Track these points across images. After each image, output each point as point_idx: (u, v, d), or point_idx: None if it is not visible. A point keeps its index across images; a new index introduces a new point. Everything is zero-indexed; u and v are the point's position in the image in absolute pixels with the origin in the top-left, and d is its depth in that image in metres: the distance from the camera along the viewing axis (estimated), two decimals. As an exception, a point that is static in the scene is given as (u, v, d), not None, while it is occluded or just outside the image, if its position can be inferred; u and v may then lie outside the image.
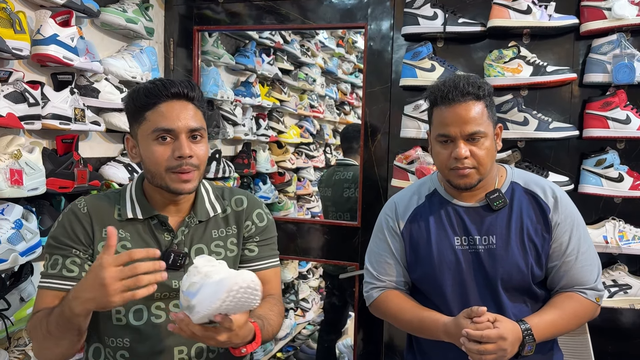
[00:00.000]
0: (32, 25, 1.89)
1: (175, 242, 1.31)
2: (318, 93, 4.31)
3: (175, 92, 1.25)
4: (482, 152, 1.40)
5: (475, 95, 1.40)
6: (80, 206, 1.32)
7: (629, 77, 1.90)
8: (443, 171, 1.46)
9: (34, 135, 1.96)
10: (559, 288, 1.46)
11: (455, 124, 1.39)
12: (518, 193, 1.48)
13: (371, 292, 1.59)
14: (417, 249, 1.51)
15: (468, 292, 1.45)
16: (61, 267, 1.27)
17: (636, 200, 1.99)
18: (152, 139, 1.25)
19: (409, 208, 1.55)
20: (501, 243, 1.43)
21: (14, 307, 1.78)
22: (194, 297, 1.05)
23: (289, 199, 3.86)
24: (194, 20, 2.59)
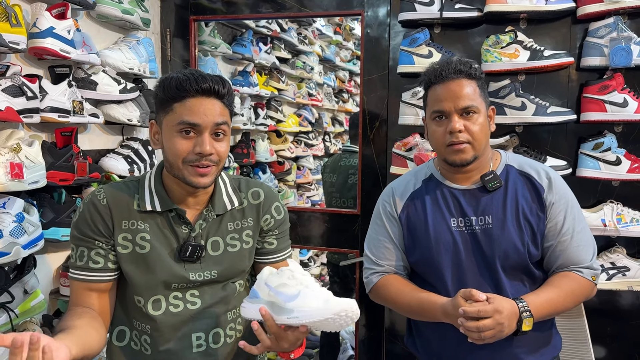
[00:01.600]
0: (28, 18, 1.88)
1: (193, 235, 1.33)
2: (316, 81, 4.31)
3: (206, 87, 1.25)
4: (476, 127, 1.43)
5: (467, 73, 1.45)
6: (100, 197, 1.32)
7: (626, 60, 1.90)
8: (439, 149, 1.49)
9: (33, 129, 1.97)
10: (556, 268, 1.48)
11: (449, 99, 1.43)
12: (513, 175, 1.50)
13: (371, 278, 1.60)
14: (414, 232, 1.53)
15: (466, 272, 1.46)
16: (87, 259, 1.31)
17: (634, 183, 2.00)
18: (176, 131, 1.26)
19: (406, 192, 1.58)
20: (497, 222, 1.45)
21: (17, 300, 1.80)
22: (289, 300, 1.15)
23: (288, 188, 3.87)
24: (190, 10, 2.58)
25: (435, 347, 1.54)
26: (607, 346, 2.08)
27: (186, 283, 1.33)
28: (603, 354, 2.08)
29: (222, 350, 1.36)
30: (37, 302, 1.88)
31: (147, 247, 1.31)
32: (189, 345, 1.33)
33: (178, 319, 1.32)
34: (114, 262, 1.32)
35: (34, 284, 1.88)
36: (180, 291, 1.33)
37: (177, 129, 1.26)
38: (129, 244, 1.31)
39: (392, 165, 2.21)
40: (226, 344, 1.37)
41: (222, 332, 1.36)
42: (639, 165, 1.95)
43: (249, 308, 1.22)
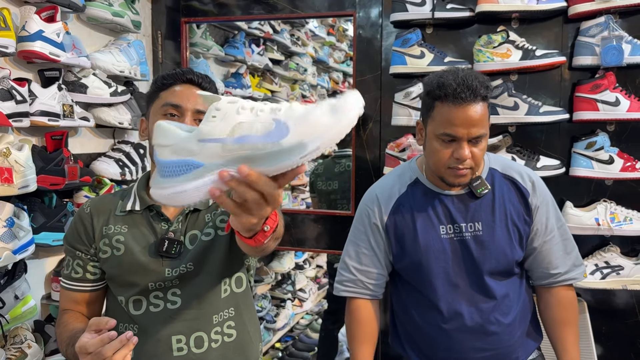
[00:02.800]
0: (16, 21, 1.87)
1: (171, 230, 1.34)
2: (310, 83, 4.30)
3: (190, 78, 1.32)
4: (480, 153, 1.41)
5: (484, 96, 1.38)
6: (85, 207, 1.41)
7: (618, 59, 1.90)
8: (439, 169, 1.45)
9: (23, 133, 1.95)
10: (542, 270, 1.52)
11: (464, 125, 1.37)
12: (497, 179, 1.50)
13: (344, 289, 1.60)
14: (402, 240, 1.52)
15: (456, 279, 1.47)
16: (71, 268, 1.39)
17: (627, 182, 2.00)
18: (160, 114, 1.30)
19: (391, 199, 1.54)
20: (487, 229, 1.46)
21: (8, 305, 1.78)
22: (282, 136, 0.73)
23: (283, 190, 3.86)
24: (181, 12, 2.57)
25: (424, 348, 1.54)
26: (603, 345, 2.08)
27: (163, 281, 1.31)
28: (599, 353, 2.07)
29: (206, 356, 1.32)
30: (28, 307, 1.86)
31: (121, 248, 1.33)
32: (169, 348, 1.30)
33: (158, 319, 1.31)
34: (93, 274, 1.37)
35: (25, 290, 1.86)
36: (161, 290, 1.32)
37: (161, 112, 1.30)
38: (108, 248, 1.34)
39: (386, 166, 2.21)
40: (211, 349, 1.32)
41: (205, 336, 1.32)
42: (631, 164, 1.95)
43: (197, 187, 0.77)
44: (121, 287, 1.34)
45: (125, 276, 1.32)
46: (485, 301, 1.46)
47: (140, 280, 1.31)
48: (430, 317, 1.50)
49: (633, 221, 1.95)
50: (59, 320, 1.37)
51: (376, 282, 1.58)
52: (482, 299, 1.46)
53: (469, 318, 1.46)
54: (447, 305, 1.47)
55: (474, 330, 1.46)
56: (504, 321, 1.47)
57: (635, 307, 2.06)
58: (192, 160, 0.76)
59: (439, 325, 1.48)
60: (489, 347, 1.46)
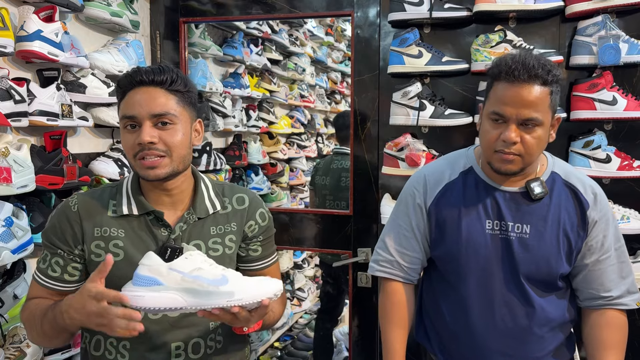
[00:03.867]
0: (15, 21, 1.87)
1: (173, 237, 1.30)
2: (308, 82, 4.31)
3: (140, 79, 1.25)
4: (532, 141, 1.31)
5: (543, 79, 1.29)
6: (71, 204, 1.32)
7: (615, 59, 1.91)
8: (486, 151, 1.38)
9: (22, 133, 1.96)
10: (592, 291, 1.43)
11: (513, 104, 1.29)
12: (558, 185, 1.42)
13: (379, 268, 1.55)
14: (443, 227, 1.45)
15: (492, 278, 1.41)
16: (48, 264, 1.31)
17: (624, 181, 2.00)
18: (122, 127, 1.28)
19: (440, 183, 1.48)
20: (535, 234, 1.38)
21: (7, 305, 1.79)
22: (221, 284, 1.11)
23: (281, 190, 3.87)
24: (180, 12, 2.57)
25: (447, 343, 1.50)
26: (600, 343, 2.08)
27: None
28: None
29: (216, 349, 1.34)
30: (27, 307, 1.86)
31: (120, 254, 1.28)
32: (168, 354, 1.29)
33: (157, 327, 1.28)
34: (72, 275, 1.31)
35: (24, 289, 1.86)
36: None
37: (122, 125, 1.28)
38: (102, 252, 1.28)
39: (384, 166, 2.21)
40: (206, 354, 1.33)
41: (202, 342, 1.33)
42: (628, 162, 1.96)
43: (152, 297, 1.10)
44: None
45: (123, 281, 1.24)
46: (521, 307, 1.40)
47: None
48: (458, 313, 1.45)
49: (630, 220, 1.96)
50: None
51: (413, 266, 1.52)
52: (518, 304, 1.40)
53: (500, 320, 1.40)
54: (478, 302, 1.42)
55: (503, 334, 1.40)
56: (538, 332, 1.40)
57: (632, 306, 2.06)
58: (157, 279, 1.11)
59: (466, 322, 1.43)
60: (515, 355, 1.41)
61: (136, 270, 1.13)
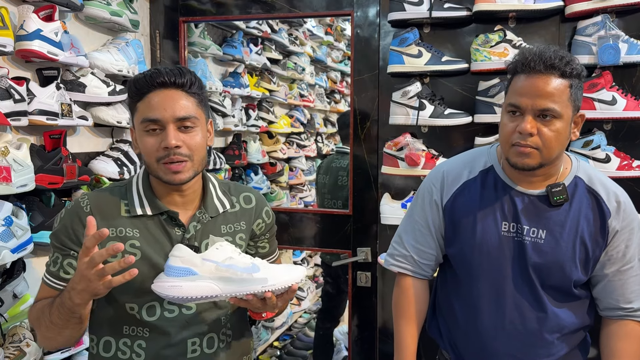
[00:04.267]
0: (15, 20, 1.87)
1: (187, 237, 1.30)
2: (308, 82, 4.30)
3: (161, 81, 1.23)
4: (550, 134, 1.27)
5: (561, 70, 1.26)
6: (83, 204, 1.29)
7: (614, 58, 1.91)
8: (504, 146, 1.34)
9: (21, 132, 1.95)
10: (612, 302, 1.40)
11: (529, 95, 1.26)
12: (580, 190, 1.37)
13: (394, 262, 1.55)
14: (458, 226, 1.44)
15: (504, 280, 1.39)
16: (59, 267, 1.28)
17: (624, 181, 2.00)
18: (142, 130, 1.25)
19: (458, 181, 1.45)
20: (550, 240, 1.35)
21: (7, 304, 1.79)
22: (254, 271, 1.16)
23: (281, 189, 3.87)
24: (180, 11, 2.57)
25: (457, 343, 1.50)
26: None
27: None
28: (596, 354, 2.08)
29: (215, 354, 1.35)
30: (26, 306, 1.86)
31: (137, 254, 1.27)
32: (184, 350, 1.31)
33: (173, 324, 1.29)
34: None
35: (24, 288, 1.86)
36: None
37: (142, 128, 1.25)
38: (118, 253, 1.26)
39: (383, 165, 2.21)
40: (219, 348, 1.36)
41: (216, 336, 1.35)
42: (628, 162, 1.96)
43: (189, 286, 1.14)
44: (133, 294, 1.28)
45: (141, 283, 1.25)
46: (532, 311, 1.37)
47: None
48: (469, 312, 1.44)
49: (629, 219, 1.96)
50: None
51: (428, 262, 1.51)
52: (529, 308, 1.37)
53: (509, 322, 1.38)
54: (488, 303, 1.40)
55: (512, 337, 1.39)
56: (548, 337, 1.37)
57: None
58: (192, 269, 1.15)
59: (476, 322, 1.42)
60: (523, 358, 1.39)
61: (167, 262, 1.17)
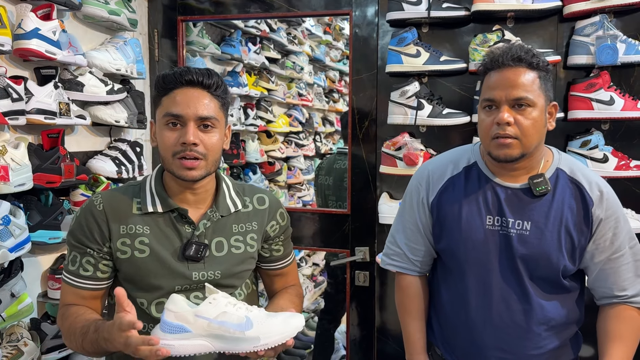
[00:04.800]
0: (12, 19, 1.87)
1: (197, 234, 1.32)
2: (306, 81, 4.30)
3: (189, 79, 1.27)
4: (527, 122, 1.31)
5: (528, 62, 1.32)
6: (96, 203, 1.34)
7: (612, 59, 1.91)
8: (485, 140, 1.38)
9: (19, 131, 1.95)
10: (607, 289, 1.42)
11: (501, 87, 1.32)
12: (562, 181, 1.40)
13: (390, 262, 1.59)
14: (444, 222, 1.47)
15: (491, 274, 1.41)
16: (79, 265, 1.33)
17: (621, 180, 2.01)
18: (163, 124, 1.29)
19: (442, 178, 1.49)
20: (535, 231, 1.37)
21: (4, 304, 1.78)
22: (246, 328, 1.14)
23: (279, 189, 3.87)
24: (178, 10, 2.57)
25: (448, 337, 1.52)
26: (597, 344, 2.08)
27: (189, 284, 1.32)
28: (594, 352, 2.09)
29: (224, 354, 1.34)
30: (24, 305, 1.86)
31: (146, 250, 1.30)
32: None
33: None
34: (104, 272, 1.33)
35: (21, 288, 1.86)
36: (184, 292, 1.32)
37: (164, 122, 1.28)
38: (128, 249, 1.31)
39: (382, 165, 2.21)
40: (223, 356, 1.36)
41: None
42: (625, 162, 1.96)
43: (183, 345, 1.14)
44: (143, 289, 1.31)
45: (150, 279, 1.30)
46: (518, 303, 1.39)
47: (166, 283, 1.30)
48: (458, 306, 1.47)
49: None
50: (64, 313, 1.33)
51: (422, 259, 1.54)
52: (515, 300, 1.39)
53: (497, 315, 1.40)
54: (475, 297, 1.43)
55: (499, 329, 1.41)
56: (535, 330, 1.39)
57: (629, 305, 2.07)
58: (185, 327, 1.14)
59: (465, 315, 1.44)
60: (512, 350, 1.41)
61: (163, 315, 1.16)
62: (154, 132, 1.36)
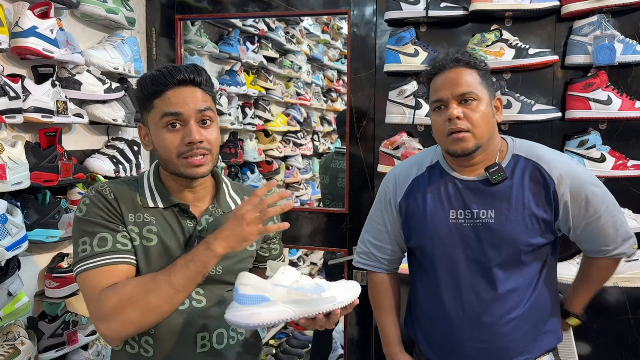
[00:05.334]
0: (10, 17, 1.86)
1: (199, 229, 1.32)
2: (304, 80, 4.30)
3: (181, 78, 1.25)
4: (476, 115, 1.39)
5: (466, 62, 1.43)
6: (106, 192, 1.29)
7: (610, 58, 1.92)
8: (440, 139, 1.46)
9: (16, 129, 1.95)
10: (591, 246, 1.50)
11: (447, 87, 1.41)
12: (520, 165, 1.45)
13: (359, 260, 1.67)
14: (412, 221, 1.53)
15: (459, 266, 1.46)
16: (113, 242, 1.24)
17: (618, 180, 2.01)
18: (162, 126, 1.26)
19: (408, 179, 1.56)
20: (500, 216, 1.43)
21: (1, 302, 1.78)
22: (321, 291, 1.19)
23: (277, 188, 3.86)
24: (176, 9, 2.56)
25: (427, 332, 1.56)
26: (594, 341, 2.09)
27: None
28: (589, 350, 2.09)
29: (225, 351, 1.35)
30: (21, 304, 1.86)
31: (154, 239, 1.29)
32: (193, 344, 1.31)
33: (184, 317, 1.30)
34: (125, 245, 1.26)
35: (18, 286, 1.86)
36: None
37: (162, 124, 1.26)
38: (137, 237, 1.28)
39: (380, 164, 2.22)
40: (229, 345, 1.36)
41: (225, 332, 1.35)
42: (623, 162, 1.97)
43: (267, 312, 1.16)
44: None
45: (152, 267, 1.27)
46: (488, 292, 1.44)
47: None
48: (433, 301, 1.51)
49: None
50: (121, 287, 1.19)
51: (389, 258, 1.62)
52: (485, 289, 1.44)
53: (469, 307, 1.45)
54: (447, 290, 1.47)
55: (473, 320, 1.45)
56: (507, 315, 1.43)
57: (626, 304, 2.08)
58: (265, 296, 1.18)
59: (440, 309, 1.49)
60: (487, 339, 1.44)
61: (238, 291, 1.18)
62: (145, 134, 1.33)
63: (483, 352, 1.45)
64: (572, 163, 1.49)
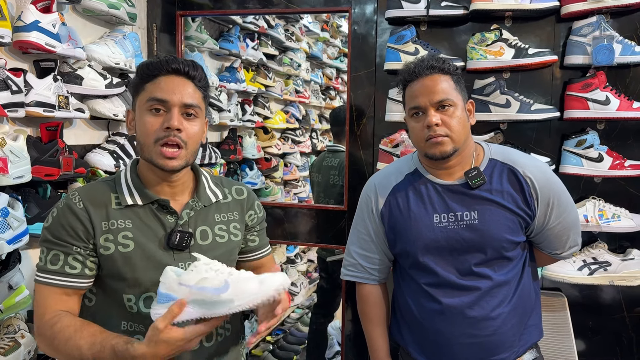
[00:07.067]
0: (12, 11, 1.86)
1: (180, 223, 1.32)
2: (303, 78, 4.31)
3: (176, 67, 1.27)
4: (453, 120, 1.45)
5: (440, 69, 1.47)
6: (75, 201, 1.29)
7: (608, 59, 1.93)
8: (419, 145, 1.51)
9: (18, 123, 1.95)
10: (543, 248, 1.60)
11: (424, 94, 1.46)
12: (498, 169, 1.52)
13: (347, 272, 1.68)
14: (395, 227, 1.56)
15: (446, 267, 1.50)
16: (63, 263, 1.26)
17: (615, 180, 2.03)
18: (146, 109, 1.27)
19: (388, 187, 1.59)
20: (482, 217, 1.47)
21: (2, 295, 1.79)
22: (222, 292, 1.14)
23: (275, 185, 3.87)
24: (177, 5, 2.57)
25: (416, 334, 1.57)
26: (589, 340, 2.11)
27: None
28: (585, 348, 2.11)
29: (213, 348, 1.36)
30: (21, 297, 1.86)
31: (130, 245, 1.27)
32: None
33: None
34: (92, 269, 1.28)
35: (19, 280, 1.86)
36: None
37: (147, 107, 1.27)
38: (111, 245, 1.27)
39: (379, 162, 2.23)
40: (217, 342, 1.37)
41: (214, 330, 1.35)
42: (620, 162, 1.98)
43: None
44: (129, 285, 1.28)
45: (136, 273, 1.27)
46: (474, 289, 1.47)
47: (153, 275, 1.25)
48: (420, 302, 1.53)
49: (621, 218, 1.99)
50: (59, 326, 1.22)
51: (377, 267, 1.64)
52: (472, 286, 1.48)
53: (458, 304, 1.48)
54: (435, 294, 1.50)
55: (462, 318, 1.48)
56: (497, 309, 1.47)
57: (621, 303, 2.10)
58: (172, 295, 1.16)
59: (428, 310, 1.51)
60: (477, 335, 1.47)
61: (159, 288, 1.18)
62: (131, 119, 1.34)
63: (474, 348, 1.47)
64: (545, 169, 1.56)
